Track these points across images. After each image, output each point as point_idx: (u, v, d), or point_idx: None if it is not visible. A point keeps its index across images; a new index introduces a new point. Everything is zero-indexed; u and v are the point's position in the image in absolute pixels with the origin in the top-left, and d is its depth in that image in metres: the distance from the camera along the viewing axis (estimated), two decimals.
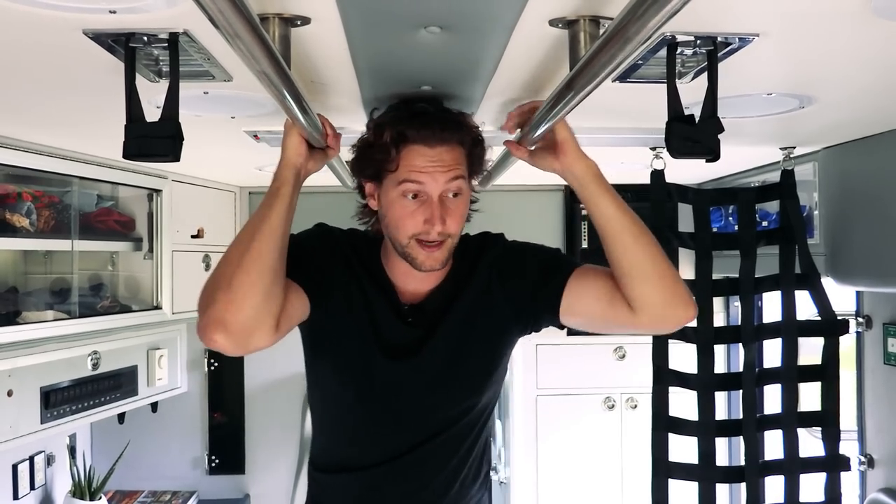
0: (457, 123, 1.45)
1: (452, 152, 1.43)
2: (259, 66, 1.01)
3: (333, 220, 1.65)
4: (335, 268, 1.52)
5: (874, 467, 2.52)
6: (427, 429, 1.59)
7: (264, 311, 1.29)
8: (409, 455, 1.59)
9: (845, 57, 1.34)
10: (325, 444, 1.70)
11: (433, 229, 1.40)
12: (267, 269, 1.29)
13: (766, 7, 1.09)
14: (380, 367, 1.54)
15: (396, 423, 1.59)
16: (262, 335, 1.30)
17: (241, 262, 1.29)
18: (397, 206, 1.42)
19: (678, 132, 1.22)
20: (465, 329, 1.54)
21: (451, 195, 1.43)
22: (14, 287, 2.47)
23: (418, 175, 1.40)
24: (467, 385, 1.59)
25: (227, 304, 1.26)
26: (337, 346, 1.55)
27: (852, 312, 2.61)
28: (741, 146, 2.32)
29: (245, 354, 1.44)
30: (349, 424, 1.63)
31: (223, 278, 1.29)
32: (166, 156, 1.19)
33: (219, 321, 1.26)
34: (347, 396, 1.60)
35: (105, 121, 1.82)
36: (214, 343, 1.27)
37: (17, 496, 2.81)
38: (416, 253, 1.43)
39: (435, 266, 1.45)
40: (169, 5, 1.04)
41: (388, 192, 1.44)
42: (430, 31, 1.18)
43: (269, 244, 1.30)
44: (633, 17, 0.86)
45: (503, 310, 1.55)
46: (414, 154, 1.40)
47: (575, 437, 3.65)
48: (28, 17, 1.07)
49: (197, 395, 3.55)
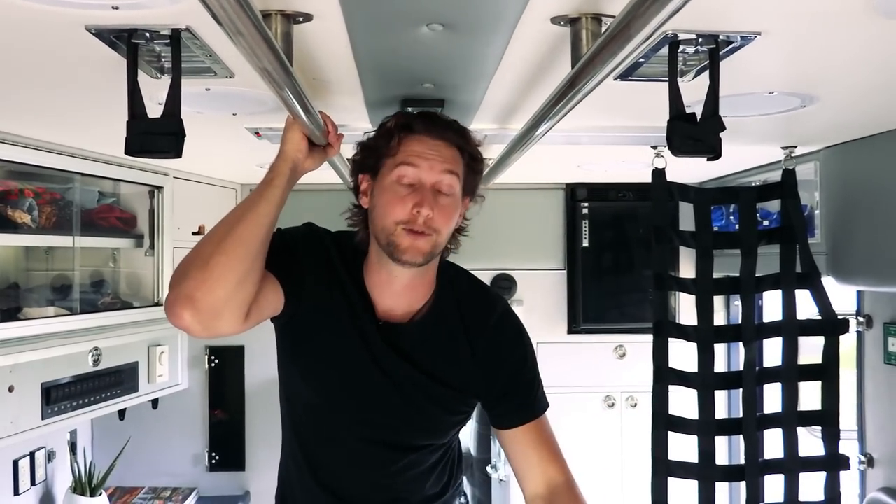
0: (460, 130, 1.48)
1: (451, 150, 1.45)
2: (261, 63, 1.01)
3: (333, 218, 1.65)
4: (317, 270, 1.51)
5: (874, 467, 2.52)
6: (391, 441, 1.61)
7: (236, 297, 1.28)
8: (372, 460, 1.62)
9: (847, 56, 1.34)
10: (288, 447, 1.73)
11: (421, 214, 1.40)
12: (246, 255, 1.28)
13: (768, 6, 1.09)
14: (353, 372, 1.55)
15: (358, 428, 1.60)
16: (229, 320, 1.29)
17: (221, 243, 1.28)
18: (389, 192, 1.43)
19: (680, 130, 1.22)
20: (437, 367, 1.55)
21: (443, 190, 1.43)
22: (15, 283, 2.47)
23: (416, 159, 1.42)
24: (429, 424, 1.62)
25: (201, 282, 1.25)
26: (310, 346, 1.55)
27: (853, 312, 2.61)
28: (743, 145, 2.32)
29: (208, 337, 1.43)
30: (312, 426, 1.65)
31: (200, 257, 1.28)
32: (168, 152, 1.19)
33: (188, 297, 1.25)
34: (302, 395, 1.63)
35: (107, 117, 1.82)
36: (181, 319, 1.25)
37: (17, 492, 2.81)
38: (401, 240, 1.41)
39: (416, 259, 1.42)
40: (172, 2, 1.04)
41: (382, 179, 1.45)
42: (431, 28, 1.18)
43: (252, 231, 1.30)
44: (635, 15, 0.87)
45: (472, 374, 1.57)
46: (415, 141, 1.43)
47: (575, 435, 3.63)
48: (31, 14, 1.07)
49: (197, 391, 3.55)
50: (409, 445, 1.62)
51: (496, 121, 1.90)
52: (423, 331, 1.54)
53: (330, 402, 1.59)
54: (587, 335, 3.58)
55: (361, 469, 1.62)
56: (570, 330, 3.61)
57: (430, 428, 1.63)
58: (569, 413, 3.64)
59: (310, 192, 2.65)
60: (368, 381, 1.54)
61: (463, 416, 1.66)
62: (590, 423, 3.66)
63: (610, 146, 2.30)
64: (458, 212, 1.49)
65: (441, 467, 1.70)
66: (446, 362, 1.56)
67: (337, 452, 1.62)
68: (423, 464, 1.65)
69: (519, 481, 1.63)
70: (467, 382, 1.58)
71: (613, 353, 3.68)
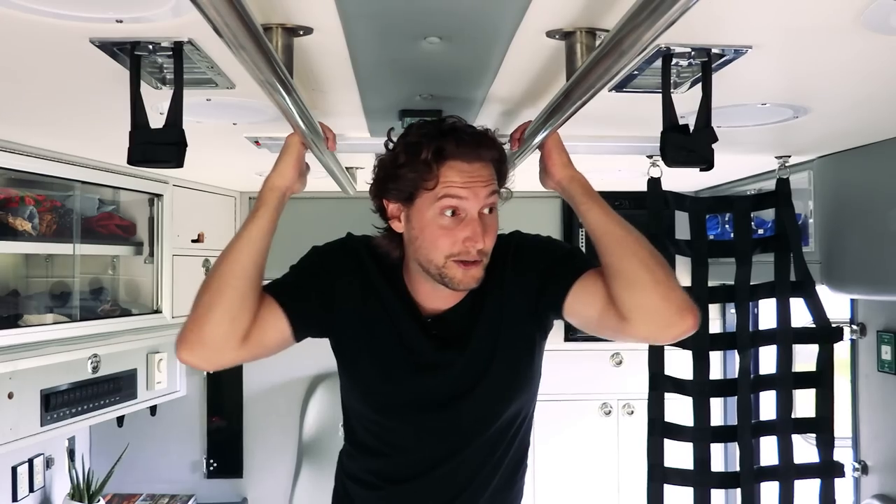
0: (490, 140, 1.42)
1: (487, 168, 1.40)
2: (262, 75, 1.03)
3: (331, 226, 1.66)
4: (349, 285, 1.49)
5: (868, 474, 2.53)
6: (455, 441, 1.56)
7: (227, 332, 1.33)
8: (437, 469, 1.56)
9: (837, 68, 1.37)
10: (350, 451, 1.68)
11: (474, 247, 1.37)
12: (233, 292, 1.33)
13: (759, 20, 1.11)
14: (402, 381, 1.52)
15: (420, 437, 1.56)
16: (228, 353, 1.36)
17: (208, 284, 1.36)
18: (434, 226, 1.38)
19: (673, 142, 1.24)
20: (491, 338, 1.50)
21: (487, 211, 1.40)
22: (15, 290, 2.48)
23: (459, 190, 1.35)
24: (495, 395, 1.54)
25: (191, 323, 1.34)
26: (355, 362, 1.53)
27: (847, 320, 2.63)
28: (737, 154, 2.34)
29: (215, 369, 1.47)
30: (372, 437, 1.60)
31: (196, 299, 1.37)
32: (170, 162, 1.21)
33: (182, 340, 1.34)
34: (366, 410, 1.58)
35: (109, 126, 1.84)
36: (181, 359, 1.35)
37: (16, 498, 2.82)
38: (454, 272, 1.39)
39: (471, 284, 1.41)
40: (174, 15, 1.06)
41: (421, 211, 1.39)
42: (430, 41, 1.20)
43: (233, 267, 1.35)
44: (628, 30, 0.89)
45: (522, 313, 1.51)
46: (453, 171, 1.36)
47: (572, 442, 3.66)
48: (36, 26, 1.09)
49: (196, 398, 3.56)
50: (477, 429, 1.55)
51: (493, 131, 1.92)
52: (468, 303, 1.50)
53: (383, 410, 1.56)
54: (584, 343, 3.59)
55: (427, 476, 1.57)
56: (567, 338, 3.61)
57: (499, 396, 1.55)
58: (566, 421, 3.66)
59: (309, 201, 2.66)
60: (427, 382, 1.51)
61: (528, 370, 1.58)
62: (587, 430, 3.67)
63: (606, 156, 2.32)
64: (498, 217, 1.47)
65: (504, 467, 1.61)
66: (499, 313, 1.50)
67: (398, 458, 1.59)
68: (490, 456, 1.58)
69: (619, 332, 1.41)
70: (521, 314, 1.51)
71: (610, 360, 3.70)
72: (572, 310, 1.46)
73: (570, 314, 1.47)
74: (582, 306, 1.44)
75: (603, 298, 1.40)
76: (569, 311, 1.46)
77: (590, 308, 1.43)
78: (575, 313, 1.46)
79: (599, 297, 1.41)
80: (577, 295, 1.44)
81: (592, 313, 1.43)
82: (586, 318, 1.46)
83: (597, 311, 1.41)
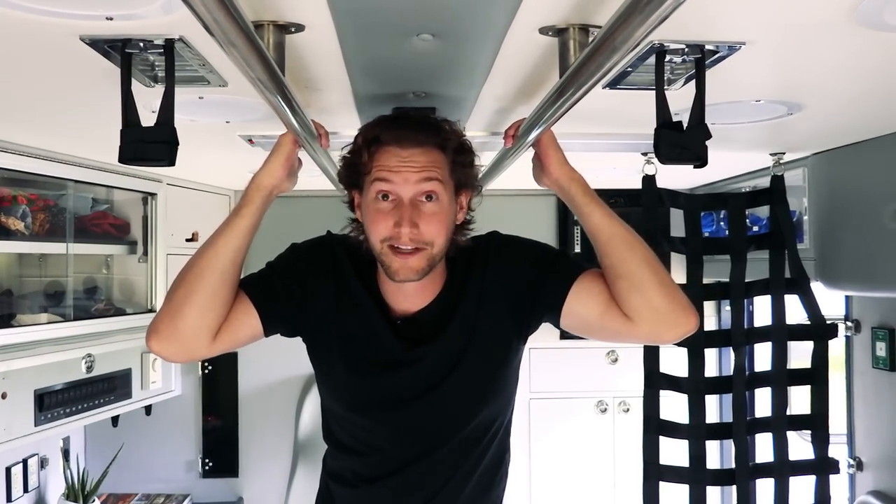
0: (435, 127, 1.40)
1: (428, 154, 1.37)
2: (254, 72, 1.02)
3: (324, 224, 1.64)
4: (323, 284, 1.49)
5: (863, 470, 2.54)
6: (427, 441, 1.54)
7: (200, 326, 1.36)
8: (409, 469, 1.55)
9: (831, 65, 1.36)
10: (330, 450, 1.67)
11: (402, 232, 1.35)
12: (206, 286, 1.36)
13: (753, 17, 1.11)
14: (371, 378, 1.51)
15: (393, 436, 1.55)
16: (199, 347, 1.39)
17: (183, 277, 1.38)
18: (371, 209, 1.39)
19: (667, 139, 1.24)
20: (464, 336, 1.48)
21: (424, 199, 1.37)
22: (9, 290, 2.47)
23: (388, 174, 1.36)
24: (466, 392, 1.51)
25: (164, 315, 1.38)
26: (328, 360, 1.52)
27: (841, 316, 2.63)
28: (732, 151, 2.34)
29: (184, 362, 1.50)
30: (347, 435, 1.60)
31: (169, 291, 1.40)
32: (162, 160, 1.21)
33: (153, 330, 1.38)
34: (340, 409, 1.58)
35: (101, 125, 1.83)
36: (151, 349, 1.39)
37: (10, 499, 2.81)
38: (390, 260, 1.38)
39: (410, 276, 1.39)
40: (165, 12, 1.05)
41: (364, 196, 1.41)
42: (422, 38, 1.20)
43: (211, 263, 1.37)
44: (620, 26, 0.88)
45: (502, 314, 1.50)
46: (386, 155, 1.37)
47: (567, 440, 3.66)
48: (26, 23, 1.09)
49: (191, 398, 3.55)
50: (452, 429, 1.53)
51: (487, 128, 1.92)
52: (441, 303, 1.49)
53: (354, 409, 1.55)
54: (579, 341, 3.58)
55: (403, 473, 1.56)
56: (563, 335, 3.61)
57: (472, 396, 1.53)
58: (561, 418, 3.67)
59: (302, 199, 2.66)
60: (395, 381, 1.50)
61: (504, 371, 1.55)
62: (582, 428, 3.67)
63: (600, 153, 2.31)
64: (453, 212, 1.43)
65: (483, 470, 1.59)
66: (474, 314, 1.48)
67: (374, 456, 1.58)
68: (467, 456, 1.56)
69: (622, 334, 1.42)
70: (501, 317, 1.49)
71: (605, 358, 3.70)
72: (572, 311, 1.45)
73: (568, 316, 1.46)
74: (582, 307, 1.44)
75: (604, 299, 1.41)
76: (568, 313, 1.45)
77: (590, 309, 1.43)
78: (574, 315, 1.46)
79: (600, 297, 1.41)
80: (577, 296, 1.44)
81: (593, 314, 1.43)
82: (586, 319, 1.45)
83: (598, 312, 1.42)
